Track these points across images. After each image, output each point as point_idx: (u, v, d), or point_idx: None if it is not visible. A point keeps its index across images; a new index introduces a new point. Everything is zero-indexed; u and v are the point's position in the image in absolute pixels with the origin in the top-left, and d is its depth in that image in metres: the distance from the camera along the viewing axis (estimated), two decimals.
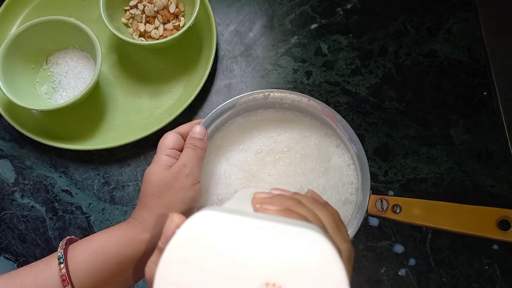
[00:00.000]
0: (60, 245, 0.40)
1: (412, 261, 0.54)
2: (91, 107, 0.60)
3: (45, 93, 0.60)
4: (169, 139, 0.46)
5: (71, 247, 0.41)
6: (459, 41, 0.62)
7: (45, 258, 0.40)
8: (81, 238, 0.43)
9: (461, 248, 0.54)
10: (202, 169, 0.47)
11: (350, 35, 0.63)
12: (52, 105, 0.56)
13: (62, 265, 0.38)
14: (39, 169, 0.58)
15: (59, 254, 0.39)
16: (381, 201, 0.48)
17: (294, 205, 0.32)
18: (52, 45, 0.60)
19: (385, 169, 0.57)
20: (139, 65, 0.62)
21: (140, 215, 0.43)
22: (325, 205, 0.35)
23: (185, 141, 0.47)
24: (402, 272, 0.54)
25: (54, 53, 0.61)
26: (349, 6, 0.64)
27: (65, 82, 0.60)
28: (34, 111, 0.59)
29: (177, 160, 0.45)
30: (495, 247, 0.54)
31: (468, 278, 0.53)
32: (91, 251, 0.40)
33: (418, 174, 0.57)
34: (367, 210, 0.48)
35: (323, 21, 0.64)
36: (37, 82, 0.60)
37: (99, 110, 0.60)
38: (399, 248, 0.54)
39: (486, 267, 0.53)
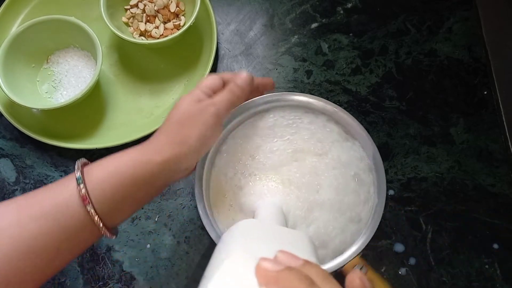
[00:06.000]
0: (76, 167, 0.40)
1: (412, 260, 0.54)
2: (91, 106, 0.60)
3: (46, 92, 0.60)
4: (210, 79, 0.46)
5: (87, 169, 0.41)
6: (459, 40, 0.62)
7: (60, 180, 0.40)
8: None
9: (461, 247, 0.54)
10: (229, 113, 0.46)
11: (351, 34, 0.63)
12: (52, 104, 0.56)
13: (81, 186, 0.38)
14: (39, 168, 0.58)
15: (77, 175, 0.39)
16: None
17: None
18: (53, 44, 0.60)
19: (386, 168, 0.57)
20: (139, 64, 0.62)
21: (157, 138, 0.43)
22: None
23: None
24: (402, 271, 0.54)
25: (55, 52, 0.61)
26: (349, 5, 0.64)
27: (65, 81, 0.60)
28: (35, 110, 0.59)
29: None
30: (496, 246, 0.54)
31: (468, 277, 0.53)
32: (108, 173, 0.40)
33: (418, 173, 0.57)
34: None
35: (323, 20, 0.63)
36: (38, 81, 0.61)
37: (100, 109, 0.60)
38: (399, 247, 0.54)
39: (486, 266, 0.53)
